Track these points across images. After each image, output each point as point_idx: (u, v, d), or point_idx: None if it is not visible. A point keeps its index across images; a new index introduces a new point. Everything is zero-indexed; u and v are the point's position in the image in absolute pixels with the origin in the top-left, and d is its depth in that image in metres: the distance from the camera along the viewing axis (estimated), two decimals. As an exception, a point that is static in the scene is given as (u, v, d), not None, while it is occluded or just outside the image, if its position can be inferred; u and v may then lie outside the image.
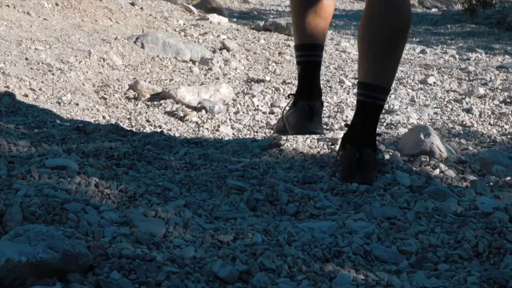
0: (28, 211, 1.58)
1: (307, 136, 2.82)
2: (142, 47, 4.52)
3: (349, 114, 3.21)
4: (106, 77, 3.63)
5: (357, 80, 2.29)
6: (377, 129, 2.31)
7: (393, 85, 4.20)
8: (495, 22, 10.03)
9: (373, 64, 2.20)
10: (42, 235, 1.33)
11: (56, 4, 5.15)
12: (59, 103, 2.98)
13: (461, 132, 2.98)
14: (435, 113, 3.42)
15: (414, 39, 7.72)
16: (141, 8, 6.68)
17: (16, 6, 4.63)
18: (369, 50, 2.21)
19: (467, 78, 4.63)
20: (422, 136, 2.48)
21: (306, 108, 2.48)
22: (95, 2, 5.78)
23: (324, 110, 2.91)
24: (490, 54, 6.31)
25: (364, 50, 2.23)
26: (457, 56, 6.01)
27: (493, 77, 4.59)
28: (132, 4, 6.70)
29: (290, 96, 2.64)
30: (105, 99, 3.23)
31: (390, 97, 3.78)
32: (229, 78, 4.12)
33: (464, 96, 3.82)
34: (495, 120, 3.27)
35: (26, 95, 2.94)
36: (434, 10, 13.92)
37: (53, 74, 3.36)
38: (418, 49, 6.54)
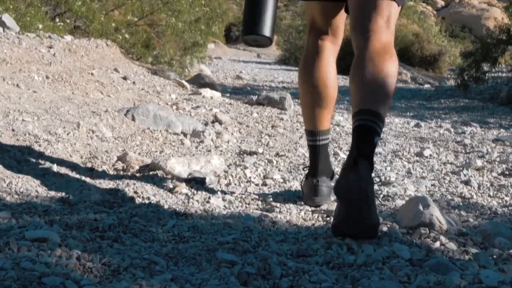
0: (2, 285, 1.47)
1: (301, 207, 2.74)
2: (133, 119, 4.46)
3: (344, 185, 3.11)
4: (94, 149, 3.54)
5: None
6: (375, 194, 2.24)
7: (389, 157, 4.15)
8: (488, 97, 10.11)
9: (362, 94, 2.30)
10: (12, 311, 1.23)
11: (47, 77, 5.11)
12: (44, 174, 2.88)
13: (461, 204, 2.88)
14: (433, 185, 3.33)
15: (408, 113, 7.73)
16: (133, 82, 6.67)
17: (6, 78, 4.58)
18: (357, 86, 2.33)
19: (463, 151, 4.57)
20: (421, 207, 2.39)
21: (311, 185, 2.80)
22: (86, 76, 5.76)
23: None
24: (485, 128, 6.30)
25: (353, 87, 2.35)
26: (452, 130, 5.98)
27: (489, 150, 4.54)
28: (125, 78, 6.69)
29: (305, 168, 2.89)
30: (92, 170, 3.13)
31: (385, 169, 3.70)
32: (221, 151, 4.04)
33: (461, 168, 3.75)
34: (495, 192, 3.18)
35: (10, 166, 2.84)
36: (427, 86, 14.08)
37: (39, 145, 3.27)
38: (412, 123, 6.53)
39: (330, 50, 2.80)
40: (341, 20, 2.79)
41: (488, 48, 10.20)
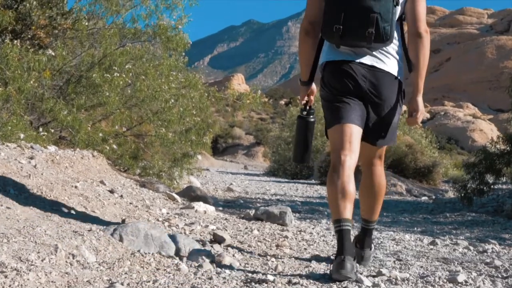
0: None
1: None
2: (121, 239, 3.85)
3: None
4: (74, 279, 2.91)
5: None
6: None
7: (420, 284, 3.56)
8: (492, 210, 9.65)
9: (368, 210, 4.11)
10: None
11: (23, 191, 4.53)
12: (8, 318, 2.26)
13: None
14: (489, 324, 2.73)
15: (415, 228, 7.21)
16: (121, 196, 6.11)
17: (-24, 193, 4.00)
18: (364, 204, 4.10)
19: (499, 275, 3.98)
20: None
21: (339, 261, 3.50)
22: (69, 189, 5.19)
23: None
24: (505, 245, 5.76)
25: (362, 202, 4.13)
26: (471, 248, 5.44)
27: (528, 275, 3.97)
28: (111, 191, 6.13)
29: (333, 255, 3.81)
30: (70, 310, 2.50)
31: (423, 301, 3.10)
32: (224, 278, 3.41)
33: (512, 301, 3.15)
34: None
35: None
36: (424, 198, 13.58)
37: (5, 277, 2.63)
38: (425, 240, 5.97)
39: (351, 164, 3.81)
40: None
41: (492, 159, 9.79)
